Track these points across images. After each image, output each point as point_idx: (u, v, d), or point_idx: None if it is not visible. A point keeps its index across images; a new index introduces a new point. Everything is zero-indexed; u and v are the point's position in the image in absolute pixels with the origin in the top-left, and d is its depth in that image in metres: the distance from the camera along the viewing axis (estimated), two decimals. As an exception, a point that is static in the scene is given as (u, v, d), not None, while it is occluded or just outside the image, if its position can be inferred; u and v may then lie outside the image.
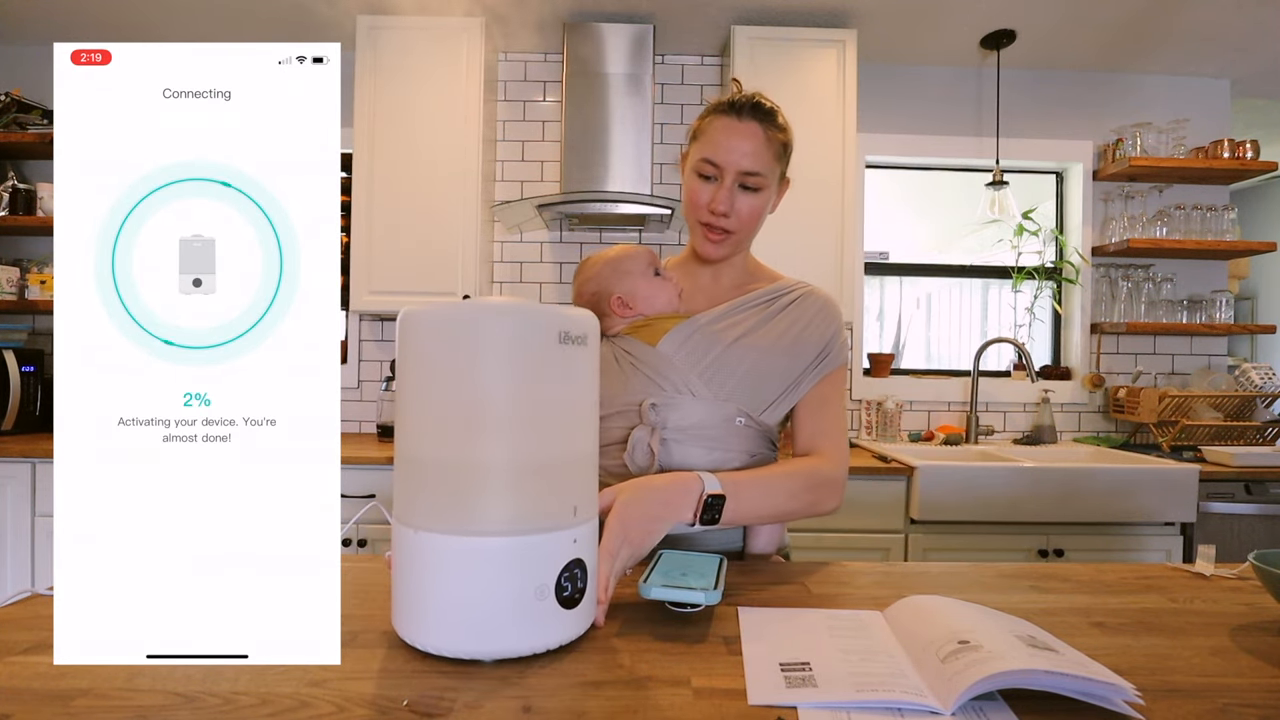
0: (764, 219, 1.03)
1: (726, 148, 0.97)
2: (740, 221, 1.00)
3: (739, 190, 0.98)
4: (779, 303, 1.04)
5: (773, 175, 1.00)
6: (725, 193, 0.97)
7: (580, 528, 0.64)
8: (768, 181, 0.99)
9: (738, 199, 0.98)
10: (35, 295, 2.53)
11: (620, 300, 1.02)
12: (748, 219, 1.00)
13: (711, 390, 0.96)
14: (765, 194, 1.00)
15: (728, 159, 0.97)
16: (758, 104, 0.98)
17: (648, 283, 1.02)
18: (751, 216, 1.00)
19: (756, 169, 0.97)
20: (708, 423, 0.95)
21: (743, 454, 0.97)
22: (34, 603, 0.73)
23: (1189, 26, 2.45)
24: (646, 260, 1.04)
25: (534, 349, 0.60)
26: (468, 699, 0.53)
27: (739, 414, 0.96)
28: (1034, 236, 2.78)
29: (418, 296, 2.35)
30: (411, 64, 2.36)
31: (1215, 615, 0.74)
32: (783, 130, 1.00)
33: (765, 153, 0.97)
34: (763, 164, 0.97)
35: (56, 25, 2.53)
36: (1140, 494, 2.06)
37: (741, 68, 2.41)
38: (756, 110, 0.98)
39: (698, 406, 0.95)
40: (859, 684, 0.54)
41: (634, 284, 1.02)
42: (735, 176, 0.97)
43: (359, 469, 2.08)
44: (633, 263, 1.03)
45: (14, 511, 2.11)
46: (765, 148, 0.97)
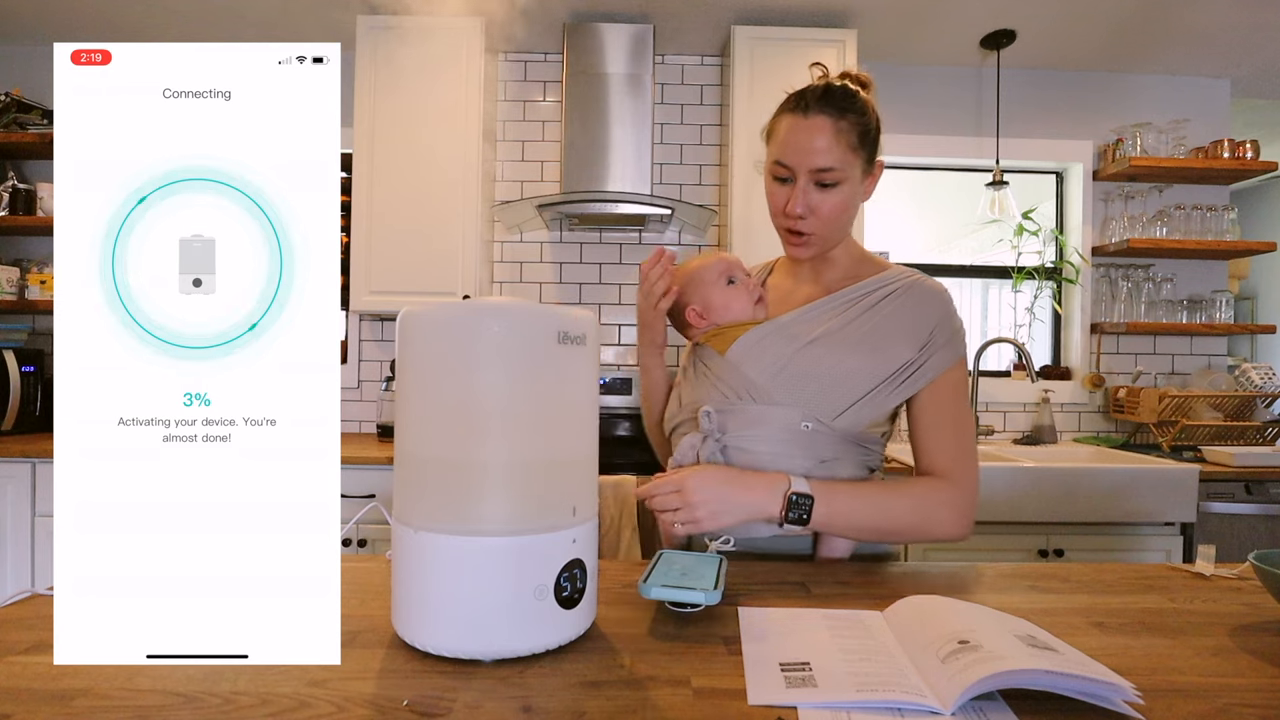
0: (853, 212, 0.97)
1: (795, 147, 0.92)
2: (821, 222, 0.95)
3: (815, 189, 0.93)
4: (869, 299, 0.97)
5: (851, 166, 0.93)
6: (800, 194, 0.93)
7: (580, 528, 0.64)
8: (845, 174, 0.93)
9: (814, 198, 0.93)
10: (35, 295, 2.53)
11: (695, 311, 1.03)
12: (829, 218, 0.94)
13: (778, 394, 0.93)
14: (846, 187, 0.94)
15: (798, 159, 0.92)
16: (828, 93, 0.93)
17: (720, 292, 1.02)
18: (833, 214, 0.94)
19: (829, 164, 0.92)
20: (770, 427, 0.92)
21: (811, 460, 0.91)
22: (34, 603, 0.72)
23: (1189, 26, 2.44)
24: (719, 270, 1.03)
25: (533, 349, 0.60)
26: (468, 699, 0.53)
27: (805, 418, 0.91)
28: (1034, 236, 2.78)
29: (418, 296, 2.35)
30: (411, 64, 2.36)
31: (1215, 615, 0.74)
32: (861, 114, 0.93)
33: (837, 146, 0.91)
34: (835, 158, 0.91)
35: (56, 25, 2.53)
36: (1140, 494, 2.06)
37: (741, 68, 2.41)
38: (826, 101, 0.92)
39: (759, 411, 0.92)
40: (859, 684, 0.54)
41: (707, 294, 1.03)
42: (808, 176, 0.93)
43: (359, 469, 2.08)
44: (707, 272, 1.04)
45: (14, 511, 2.11)
46: (836, 141, 0.91)
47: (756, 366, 0.95)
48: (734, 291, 1.02)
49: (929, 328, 0.93)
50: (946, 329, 0.94)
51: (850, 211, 0.96)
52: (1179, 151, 2.68)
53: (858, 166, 0.94)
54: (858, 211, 0.97)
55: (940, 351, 0.93)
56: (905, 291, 0.96)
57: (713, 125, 2.73)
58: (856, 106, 0.93)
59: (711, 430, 0.93)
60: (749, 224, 2.41)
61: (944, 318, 0.94)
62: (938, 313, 0.94)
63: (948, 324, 0.94)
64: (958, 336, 0.95)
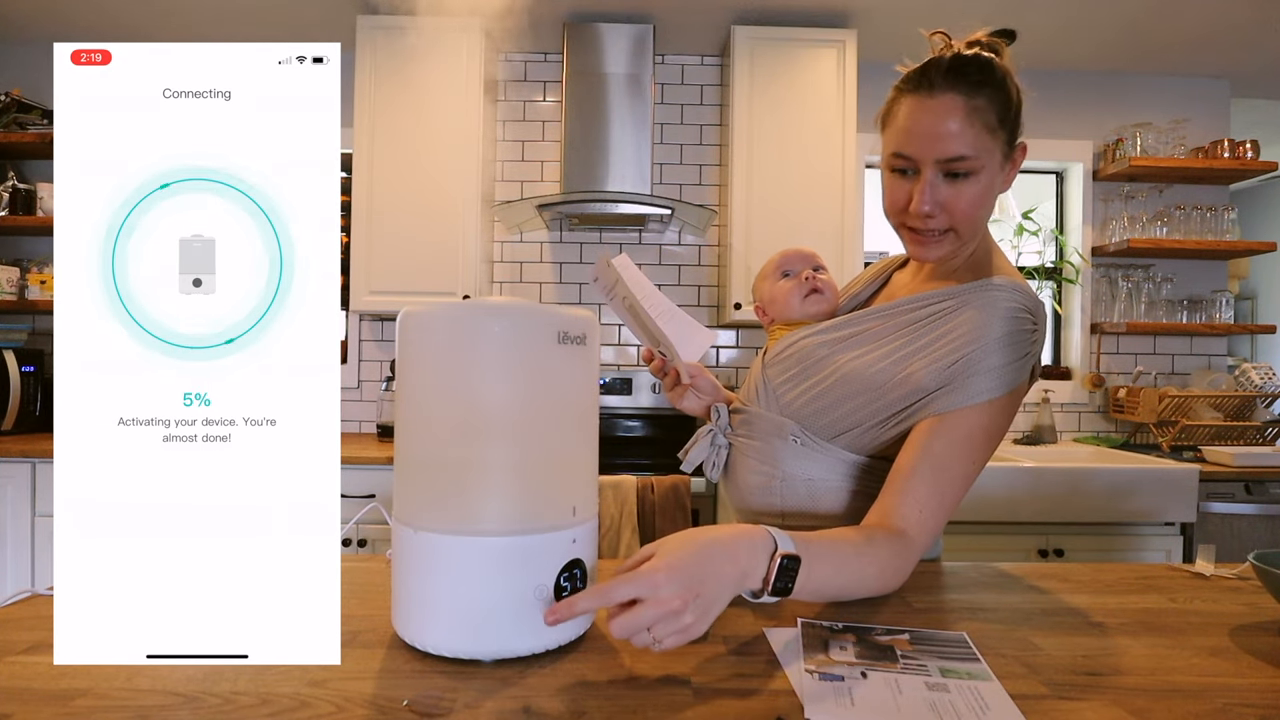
0: (990, 206, 0.81)
1: (918, 135, 0.77)
2: (955, 218, 0.79)
3: (944, 181, 0.78)
4: (921, 313, 0.83)
5: (988, 152, 0.77)
6: (926, 188, 0.78)
7: (579, 528, 0.64)
8: (981, 163, 0.77)
9: (943, 192, 0.78)
10: (35, 295, 2.53)
11: (758, 306, 1.04)
12: (965, 214, 0.79)
13: (778, 404, 0.89)
14: (983, 176, 0.78)
15: (923, 148, 0.77)
16: (956, 65, 0.77)
17: (771, 287, 1.01)
18: (971, 208, 0.79)
19: (961, 153, 0.76)
20: (760, 436, 0.90)
21: (795, 477, 0.87)
22: (34, 603, 0.72)
23: (1189, 26, 2.44)
24: (775, 263, 1.01)
25: (533, 349, 0.60)
26: (468, 699, 0.53)
27: (794, 432, 0.87)
28: (1034, 236, 2.78)
29: (418, 296, 2.35)
30: (411, 64, 2.36)
31: (1215, 615, 0.74)
32: (999, 88, 0.77)
33: (970, 130, 0.76)
34: (969, 144, 0.76)
35: (56, 25, 2.53)
36: (1140, 494, 2.06)
37: (741, 68, 2.40)
38: (956, 76, 0.76)
39: (755, 418, 0.92)
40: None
41: (760, 288, 1.03)
42: (936, 167, 0.78)
43: (359, 469, 2.08)
44: (768, 266, 1.03)
45: (14, 511, 2.11)
46: (969, 124, 0.76)
47: (777, 369, 0.92)
48: (783, 286, 0.99)
49: (959, 358, 0.77)
50: (981, 360, 0.76)
51: (988, 207, 0.81)
52: (1179, 151, 2.68)
53: (997, 151, 0.79)
54: (994, 206, 0.82)
55: (956, 386, 0.77)
56: (959, 306, 0.80)
57: (713, 125, 2.73)
58: (994, 79, 0.77)
59: (718, 428, 0.95)
60: (749, 224, 2.41)
61: (985, 343, 0.77)
62: (979, 336, 0.77)
63: (985, 355, 0.76)
64: (994, 374, 0.76)
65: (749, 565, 0.61)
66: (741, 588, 0.61)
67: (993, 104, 0.77)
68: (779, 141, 2.38)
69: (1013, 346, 0.77)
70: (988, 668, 0.59)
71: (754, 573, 0.61)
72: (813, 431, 0.87)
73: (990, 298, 0.79)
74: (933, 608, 0.75)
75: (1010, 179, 0.83)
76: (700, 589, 0.56)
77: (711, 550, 0.59)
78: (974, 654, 0.62)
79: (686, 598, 0.55)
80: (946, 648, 0.63)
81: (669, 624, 0.54)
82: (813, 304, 0.97)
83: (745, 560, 0.61)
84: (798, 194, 2.40)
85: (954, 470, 0.76)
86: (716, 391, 1.00)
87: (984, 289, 0.81)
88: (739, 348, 2.75)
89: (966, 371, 0.77)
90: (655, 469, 2.09)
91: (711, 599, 0.57)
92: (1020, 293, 0.80)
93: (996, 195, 0.81)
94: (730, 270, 2.45)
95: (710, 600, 0.57)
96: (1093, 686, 0.57)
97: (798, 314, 0.98)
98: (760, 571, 0.61)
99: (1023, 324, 0.78)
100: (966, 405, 0.76)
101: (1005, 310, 0.78)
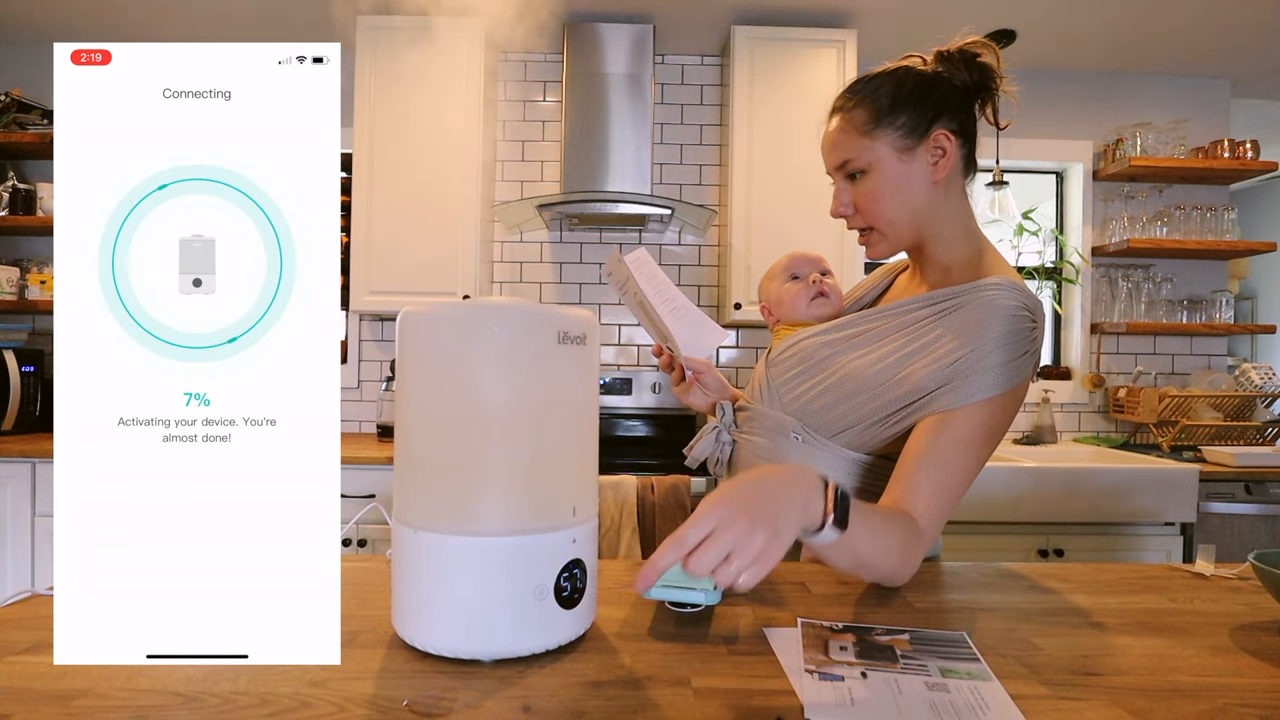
0: (904, 195, 0.88)
1: (823, 154, 0.93)
2: (865, 215, 0.90)
3: (848, 184, 0.91)
4: (920, 314, 0.87)
5: (867, 150, 0.87)
6: (836, 195, 0.92)
7: (580, 528, 0.64)
8: (865, 160, 0.88)
9: (849, 194, 0.91)
10: (35, 295, 2.53)
11: (764, 306, 1.06)
12: (867, 208, 0.89)
13: (781, 402, 0.93)
14: (875, 173, 0.87)
15: (826, 165, 0.93)
16: (840, 96, 0.92)
17: (778, 288, 1.04)
18: (869, 202, 0.89)
19: (842, 158, 0.89)
20: (763, 433, 0.94)
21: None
22: (34, 603, 0.72)
23: (1189, 26, 2.44)
24: (783, 265, 1.04)
25: (533, 349, 0.60)
26: (468, 699, 0.53)
27: (795, 430, 0.90)
28: (1034, 236, 2.78)
29: (418, 296, 2.35)
30: (412, 64, 2.36)
31: (1215, 615, 0.74)
32: (873, 91, 0.88)
33: (845, 137, 0.89)
34: (847, 148, 0.89)
35: (56, 25, 2.53)
36: (1140, 494, 2.06)
37: (741, 68, 2.40)
38: (836, 104, 0.92)
39: (758, 415, 0.95)
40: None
41: (767, 288, 1.06)
42: (838, 175, 0.92)
43: (359, 469, 2.08)
44: (774, 267, 1.06)
45: (14, 511, 2.11)
46: (844, 133, 0.89)
47: (780, 369, 0.95)
48: (790, 288, 1.02)
49: (959, 357, 0.80)
50: (980, 360, 0.79)
51: (897, 196, 0.87)
52: (1179, 151, 2.67)
53: (882, 143, 0.87)
54: (925, 192, 0.88)
55: (957, 384, 0.79)
56: (957, 306, 0.84)
57: (713, 125, 2.73)
58: (868, 87, 0.88)
59: (723, 425, 0.96)
60: (749, 224, 2.41)
61: (984, 342, 0.79)
62: (977, 335, 0.80)
63: (984, 354, 0.79)
64: (993, 373, 0.79)
65: (808, 494, 0.62)
66: (805, 516, 0.61)
67: (863, 107, 0.87)
68: (779, 141, 2.38)
69: (1012, 344, 0.80)
70: (988, 668, 0.59)
71: (814, 502, 0.62)
72: (814, 429, 0.90)
73: (988, 297, 0.82)
74: (933, 608, 0.75)
75: (942, 165, 0.87)
76: (765, 511, 0.56)
77: (767, 481, 0.61)
78: (974, 654, 0.62)
79: (754, 518, 0.55)
80: (946, 648, 0.63)
81: (744, 550, 0.54)
82: (818, 307, 1.00)
83: (805, 488, 0.62)
84: (798, 194, 2.40)
85: (957, 466, 0.78)
86: (723, 389, 1.05)
87: (981, 289, 0.83)
88: (739, 348, 2.75)
89: (966, 370, 0.79)
90: (655, 469, 2.09)
91: (780, 521, 0.57)
92: (1017, 290, 0.82)
93: (912, 184, 0.87)
94: (730, 270, 2.45)
95: (778, 522, 0.57)
96: (1093, 686, 0.57)
97: (803, 315, 1.00)
98: (819, 503, 0.62)
99: (1021, 322, 0.80)
100: (967, 403, 0.79)
101: (1003, 309, 0.80)
